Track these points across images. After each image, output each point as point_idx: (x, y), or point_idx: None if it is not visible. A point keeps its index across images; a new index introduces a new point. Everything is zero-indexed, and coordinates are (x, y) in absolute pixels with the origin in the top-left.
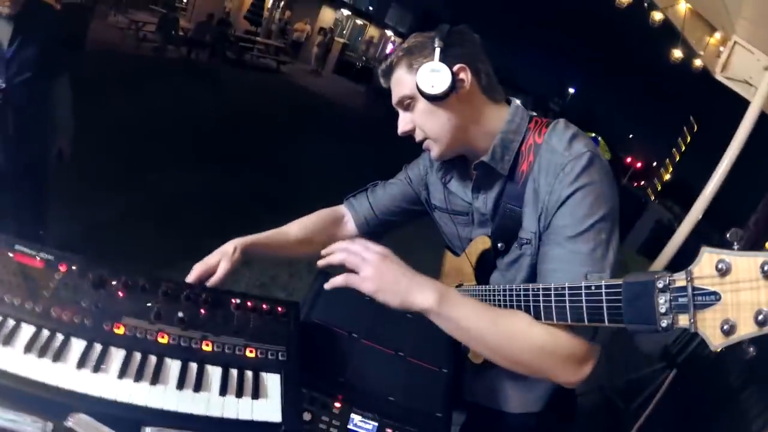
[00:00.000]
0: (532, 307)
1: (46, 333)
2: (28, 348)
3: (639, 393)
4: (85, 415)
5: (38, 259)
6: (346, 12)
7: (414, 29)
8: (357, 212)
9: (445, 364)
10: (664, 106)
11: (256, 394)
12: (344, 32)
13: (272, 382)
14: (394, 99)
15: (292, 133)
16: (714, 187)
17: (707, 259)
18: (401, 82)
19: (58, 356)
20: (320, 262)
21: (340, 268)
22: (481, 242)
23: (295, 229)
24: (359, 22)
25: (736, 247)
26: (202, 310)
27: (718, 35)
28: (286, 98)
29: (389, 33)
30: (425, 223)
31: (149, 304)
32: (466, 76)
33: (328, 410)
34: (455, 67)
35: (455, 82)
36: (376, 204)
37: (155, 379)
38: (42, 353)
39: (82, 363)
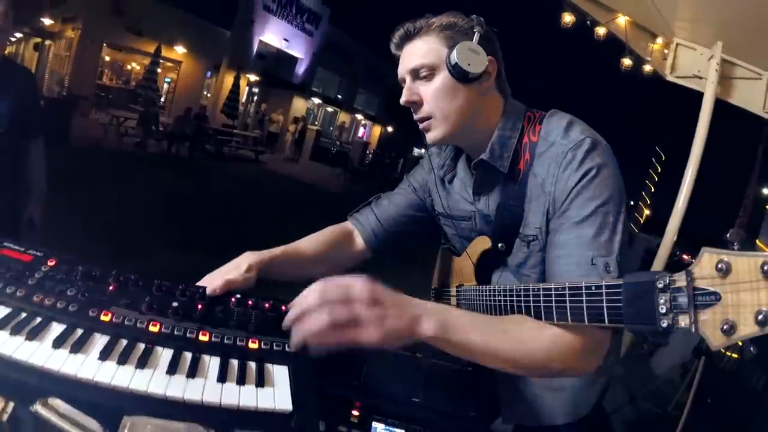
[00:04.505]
0: (532, 307)
1: (23, 315)
2: (0, 326)
3: (672, 394)
4: (58, 399)
5: (26, 254)
6: (316, 100)
7: (382, 110)
8: (363, 226)
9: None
10: (629, 142)
11: (261, 383)
12: (316, 120)
13: (279, 372)
14: (410, 65)
15: (275, 218)
16: (689, 183)
17: (707, 259)
18: (428, 51)
19: (33, 336)
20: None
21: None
22: (482, 242)
23: (308, 245)
24: (330, 109)
25: (736, 247)
26: (199, 306)
27: (660, 40)
28: (267, 185)
29: (359, 117)
30: None
31: (141, 297)
32: (493, 69)
33: (346, 419)
34: (488, 58)
35: (486, 69)
36: (382, 215)
37: (142, 364)
38: (15, 332)
39: (59, 343)
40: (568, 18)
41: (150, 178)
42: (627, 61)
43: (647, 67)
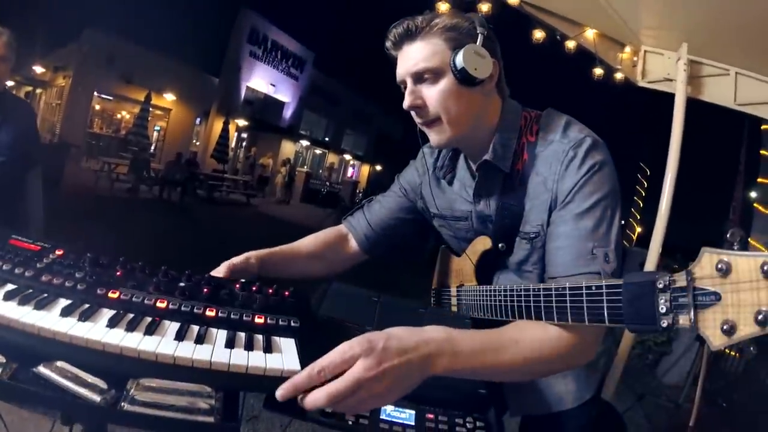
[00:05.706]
0: (533, 307)
1: (30, 291)
2: (8, 297)
3: (681, 386)
4: (63, 363)
5: (35, 245)
6: (305, 143)
7: (370, 150)
8: (356, 230)
9: None
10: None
11: (269, 350)
12: (305, 162)
13: (287, 343)
14: (413, 69)
15: None
16: (671, 182)
17: (707, 259)
18: (431, 54)
19: (41, 307)
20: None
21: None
22: (482, 243)
23: (306, 245)
24: (318, 151)
25: (735, 247)
26: (205, 289)
27: (628, 49)
28: (259, 228)
29: (348, 157)
30: None
31: (148, 281)
32: (495, 71)
33: None
34: (492, 60)
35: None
36: (373, 219)
37: (150, 332)
38: (23, 302)
39: (67, 312)
40: (539, 34)
41: (142, 223)
42: (598, 71)
43: (618, 75)
